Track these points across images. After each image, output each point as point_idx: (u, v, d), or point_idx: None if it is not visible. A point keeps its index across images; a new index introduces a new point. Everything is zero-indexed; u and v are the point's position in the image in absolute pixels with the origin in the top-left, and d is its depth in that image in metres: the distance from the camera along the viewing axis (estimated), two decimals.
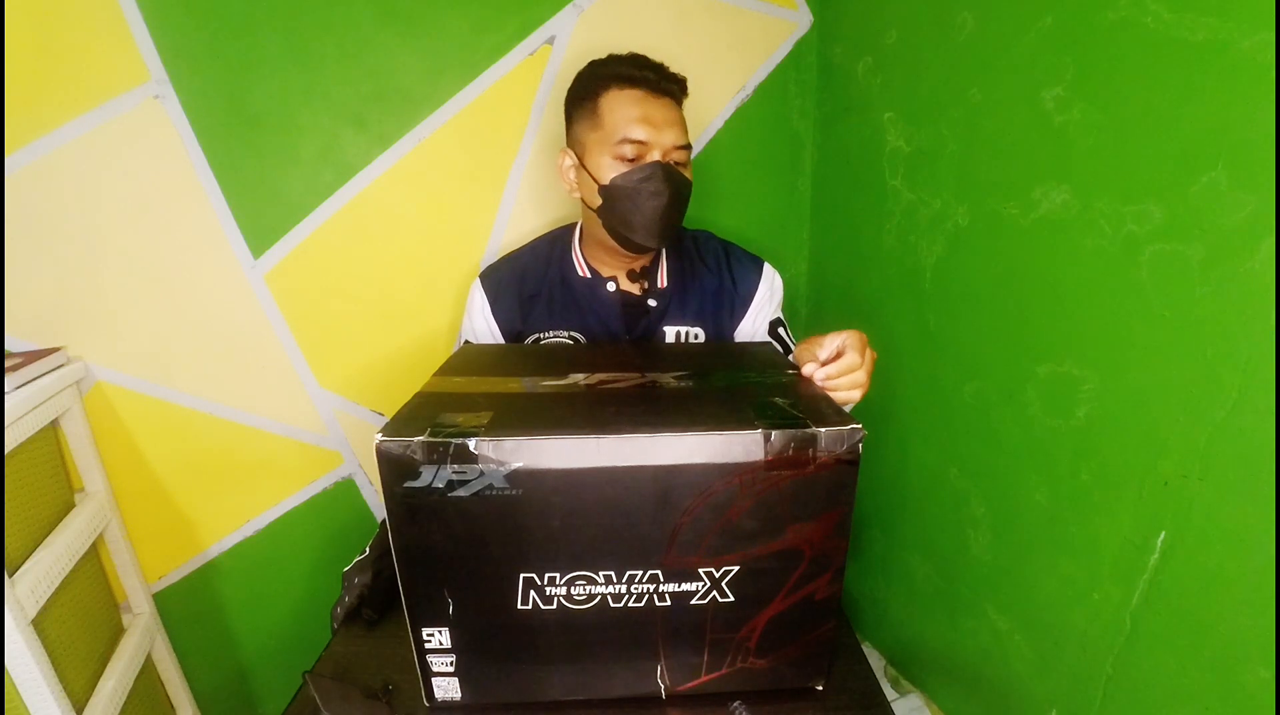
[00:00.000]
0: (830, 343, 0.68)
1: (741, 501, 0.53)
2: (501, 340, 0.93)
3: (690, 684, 0.61)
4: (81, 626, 0.95)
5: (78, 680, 0.91)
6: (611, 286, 0.91)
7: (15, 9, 0.87)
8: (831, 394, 0.64)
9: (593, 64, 0.85)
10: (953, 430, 0.87)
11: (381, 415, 1.17)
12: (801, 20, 1.10)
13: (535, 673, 0.60)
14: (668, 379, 0.65)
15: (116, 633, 1.06)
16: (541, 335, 0.91)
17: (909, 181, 0.90)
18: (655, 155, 0.80)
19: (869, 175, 0.99)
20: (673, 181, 0.80)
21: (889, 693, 1.03)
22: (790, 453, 0.52)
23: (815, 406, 0.56)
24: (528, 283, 0.92)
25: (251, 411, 1.11)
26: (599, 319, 0.91)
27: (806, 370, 0.67)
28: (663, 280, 0.92)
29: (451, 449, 0.50)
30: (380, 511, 1.21)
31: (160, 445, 1.10)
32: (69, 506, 0.99)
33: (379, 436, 0.50)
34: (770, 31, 1.09)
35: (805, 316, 1.26)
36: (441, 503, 0.51)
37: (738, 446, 0.51)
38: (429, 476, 0.50)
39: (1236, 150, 0.50)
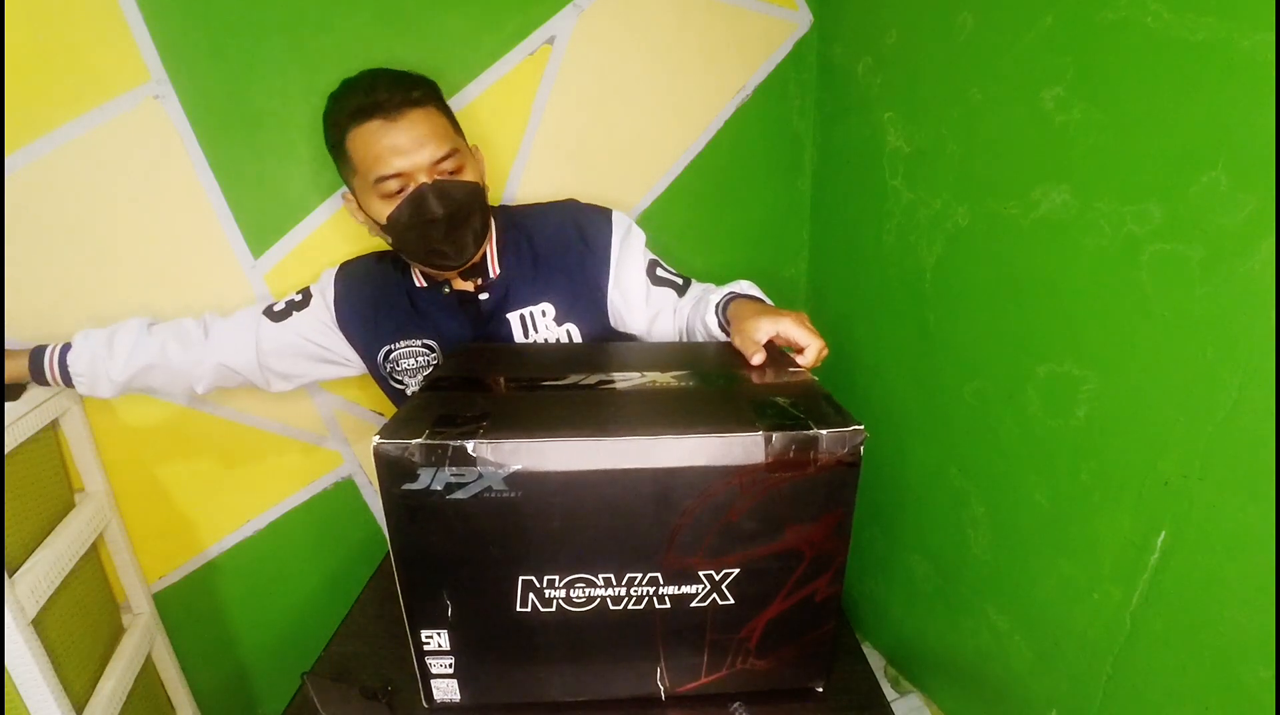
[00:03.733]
0: (767, 330, 0.71)
1: (741, 503, 0.53)
2: (324, 337, 0.92)
3: (690, 685, 0.61)
4: (81, 626, 0.95)
5: (78, 680, 0.91)
6: (447, 289, 0.90)
7: (15, 9, 0.87)
8: None
9: (330, 100, 0.81)
10: (953, 430, 0.86)
11: (381, 415, 1.16)
12: (801, 20, 1.10)
13: (534, 674, 0.60)
14: (667, 379, 0.65)
15: (116, 633, 1.06)
16: (393, 347, 0.91)
17: (909, 181, 0.90)
18: (420, 179, 0.77)
19: (869, 175, 0.99)
20: (445, 199, 0.78)
21: (889, 693, 1.03)
22: (791, 454, 0.52)
23: (816, 407, 0.56)
24: (377, 293, 0.92)
25: (251, 411, 1.11)
26: (446, 323, 0.90)
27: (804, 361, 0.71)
28: (493, 269, 0.90)
29: (450, 451, 0.50)
30: (381, 512, 1.21)
31: (160, 445, 1.10)
32: (69, 506, 0.99)
33: (377, 438, 0.50)
34: (770, 31, 1.09)
35: None
36: (440, 505, 0.51)
37: (738, 448, 0.51)
38: (427, 479, 0.50)
39: (1236, 150, 0.50)
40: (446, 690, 0.60)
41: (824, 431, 0.52)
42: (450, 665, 0.59)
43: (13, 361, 0.87)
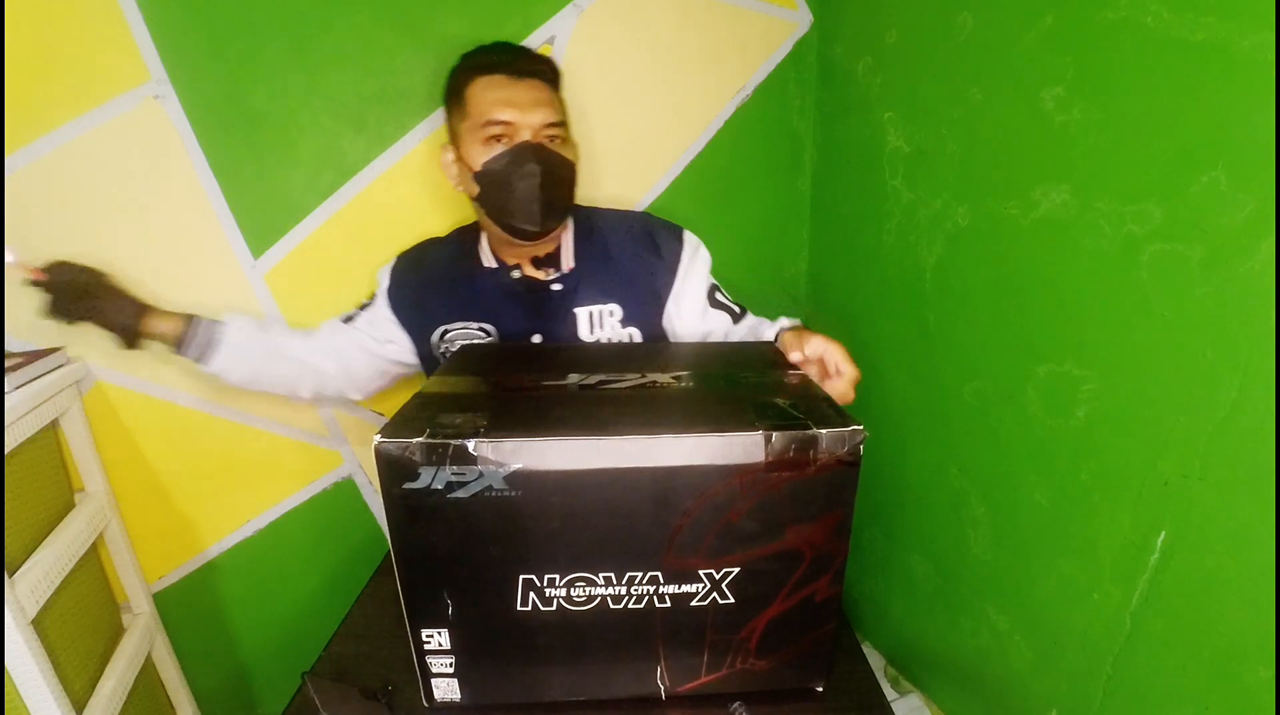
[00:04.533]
0: (818, 346, 0.72)
1: (741, 503, 0.53)
2: (395, 320, 0.94)
3: (690, 685, 0.61)
4: (81, 626, 0.95)
5: (78, 680, 0.91)
6: (516, 274, 0.90)
7: (15, 9, 0.87)
8: None
9: (461, 57, 0.86)
10: (953, 430, 0.86)
11: (381, 415, 1.17)
12: (801, 20, 1.10)
13: (535, 674, 0.60)
14: (667, 379, 0.65)
15: (116, 633, 1.06)
16: (449, 327, 0.91)
17: (909, 181, 0.90)
18: (524, 136, 0.80)
19: (869, 175, 0.99)
20: (543, 160, 0.80)
21: (889, 693, 1.03)
22: (791, 454, 0.52)
23: (816, 407, 0.56)
24: (431, 274, 0.93)
25: (251, 411, 1.11)
26: (507, 308, 0.90)
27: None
28: (568, 262, 0.91)
29: (450, 450, 0.50)
30: (381, 511, 1.21)
31: (160, 445, 1.10)
32: (69, 506, 0.99)
33: (378, 437, 0.50)
34: (770, 31, 1.09)
35: (805, 317, 1.26)
36: (440, 504, 0.51)
37: (738, 447, 0.51)
38: (428, 478, 0.50)
39: (1236, 150, 0.50)
40: (447, 689, 0.60)
41: (823, 431, 0.52)
42: (450, 664, 0.59)
43: (164, 320, 0.89)
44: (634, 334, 0.93)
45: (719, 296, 0.96)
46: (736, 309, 0.96)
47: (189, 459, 1.11)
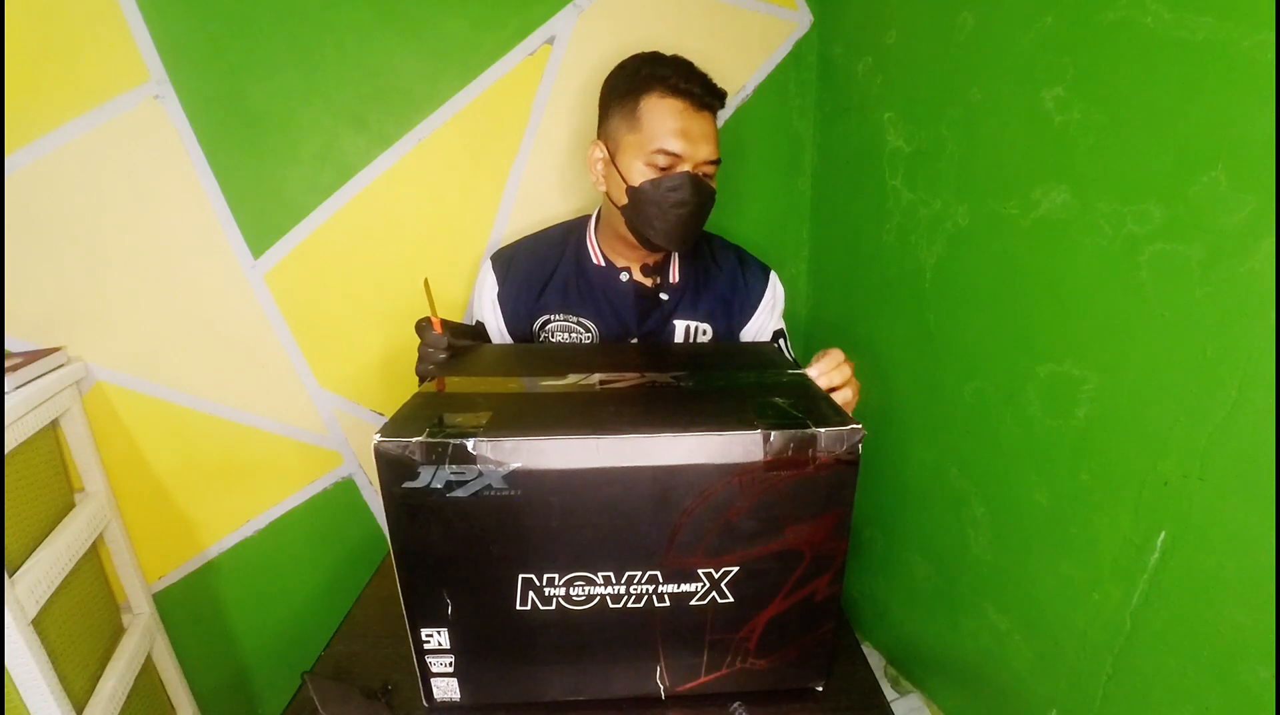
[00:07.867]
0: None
1: (741, 502, 0.53)
2: (503, 323, 0.93)
3: (690, 685, 0.61)
4: (81, 626, 0.95)
5: (78, 680, 0.91)
6: (625, 277, 0.92)
7: (15, 9, 0.88)
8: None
9: (639, 60, 0.84)
10: (953, 430, 0.86)
11: (381, 415, 1.17)
12: (801, 20, 1.10)
13: (534, 673, 0.60)
14: (667, 379, 0.65)
15: (116, 633, 1.06)
16: (552, 318, 0.92)
17: (909, 181, 0.90)
18: (686, 167, 0.81)
19: (869, 175, 0.99)
20: (699, 193, 0.82)
21: (889, 693, 1.03)
22: (790, 453, 0.51)
23: (815, 407, 0.56)
24: (542, 265, 0.93)
25: (251, 411, 1.11)
26: (612, 307, 0.92)
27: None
28: (675, 276, 0.93)
29: (450, 449, 0.50)
30: (380, 511, 1.21)
31: (160, 445, 1.10)
32: (69, 506, 0.99)
33: (377, 437, 0.50)
34: (770, 31, 1.09)
35: (805, 316, 1.26)
36: (440, 503, 0.51)
37: (737, 447, 0.51)
38: (427, 477, 0.50)
39: (1236, 150, 0.50)
40: (446, 689, 0.60)
41: (822, 430, 0.51)
42: (450, 664, 0.59)
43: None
44: None
45: (782, 342, 0.99)
46: (792, 360, 0.97)
47: (189, 459, 1.11)
